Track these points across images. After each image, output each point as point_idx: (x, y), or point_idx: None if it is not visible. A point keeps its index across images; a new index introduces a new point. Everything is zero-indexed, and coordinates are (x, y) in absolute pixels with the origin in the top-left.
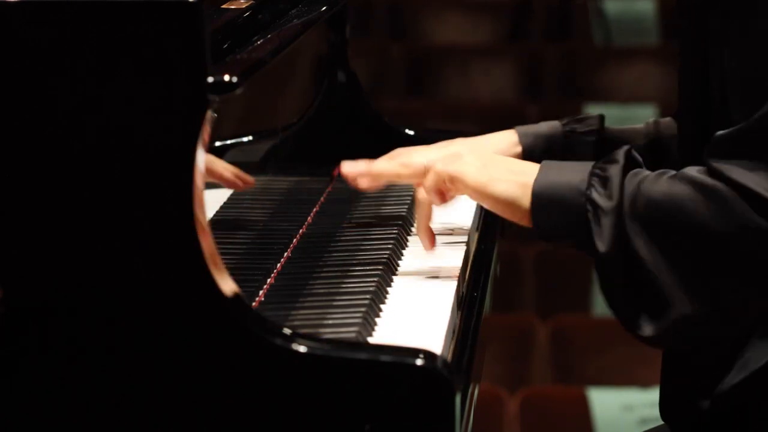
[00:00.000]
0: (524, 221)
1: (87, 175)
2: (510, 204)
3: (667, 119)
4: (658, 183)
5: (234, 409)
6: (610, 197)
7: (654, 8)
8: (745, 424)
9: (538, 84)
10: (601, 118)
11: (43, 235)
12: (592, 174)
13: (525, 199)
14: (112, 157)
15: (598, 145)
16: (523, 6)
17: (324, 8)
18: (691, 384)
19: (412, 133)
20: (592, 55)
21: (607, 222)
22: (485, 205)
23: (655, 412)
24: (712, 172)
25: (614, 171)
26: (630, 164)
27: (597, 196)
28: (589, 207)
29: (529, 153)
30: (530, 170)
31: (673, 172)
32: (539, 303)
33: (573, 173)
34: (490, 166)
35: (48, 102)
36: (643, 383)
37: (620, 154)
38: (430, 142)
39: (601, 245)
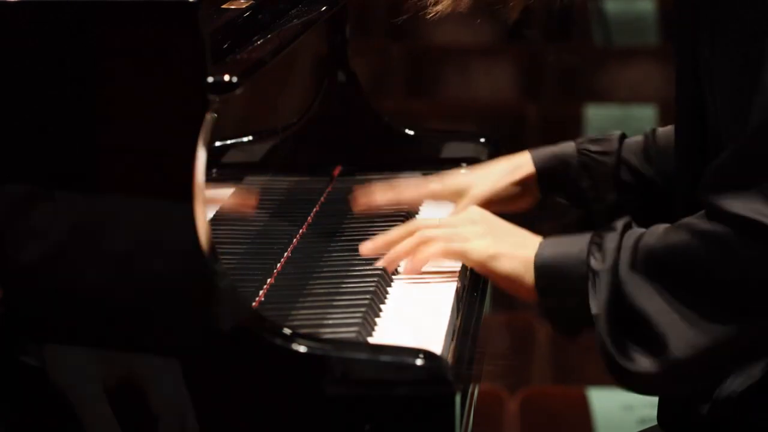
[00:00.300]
0: (530, 297)
1: (87, 176)
2: (514, 281)
3: (668, 128)
4: (656, 235)
5: (234, 409)
6: (604, 260)
7: (654, 8)
8: (743, 430)
9: (538, 84)
10: (621, 138)
11: (43, 236)
12: (591, 243)
13: (528, 276)
14: (112, 157)
15: (616, 167)
16: (523, 6)
17: (324, 8)
18: None
19: (412, 133)
20: (592, 55)
21: (601, 283)
22: (490, 279)
23: (655, 412)
24: (710, 212)
25: (611, 237)
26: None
27: (594, 262)
28: (590, 275)
29: (540, 172)
30: (533, 245)
31: (669, 225)
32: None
33: (571, 245)
34: (496, 241)
35: (48, 102)
36: None
37: (619, 223)
38: (431, 141)
39: (595, 307)
